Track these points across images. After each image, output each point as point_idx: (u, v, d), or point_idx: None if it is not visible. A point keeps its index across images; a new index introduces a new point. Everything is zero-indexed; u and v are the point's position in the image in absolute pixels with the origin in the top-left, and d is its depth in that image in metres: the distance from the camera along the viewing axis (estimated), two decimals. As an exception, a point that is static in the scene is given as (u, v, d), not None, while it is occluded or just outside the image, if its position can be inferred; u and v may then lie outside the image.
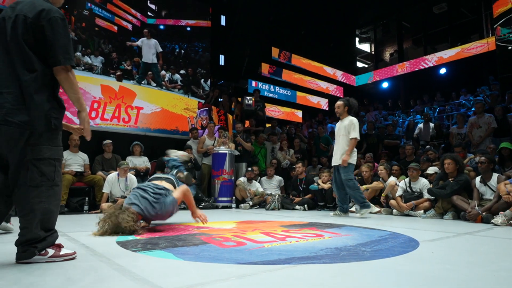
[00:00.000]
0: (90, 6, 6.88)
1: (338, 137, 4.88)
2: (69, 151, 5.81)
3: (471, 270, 1.72)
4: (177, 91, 8.19)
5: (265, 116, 9.51)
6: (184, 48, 8.57)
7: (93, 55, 6.96)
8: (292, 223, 3.81)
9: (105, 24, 7.13)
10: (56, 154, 1.84)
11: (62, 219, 4.20)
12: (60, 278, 1.52)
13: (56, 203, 1.87)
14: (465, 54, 12.13)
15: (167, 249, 2.20)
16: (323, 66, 14.76)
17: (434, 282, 1.49)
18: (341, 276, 1.59)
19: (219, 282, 1.48)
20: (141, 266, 1.73)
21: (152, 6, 7.91)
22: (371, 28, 17.49)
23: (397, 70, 14.30)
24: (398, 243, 2.48)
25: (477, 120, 6.62)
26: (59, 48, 1.73)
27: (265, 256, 2.00)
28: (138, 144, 6.48)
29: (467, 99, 10.14)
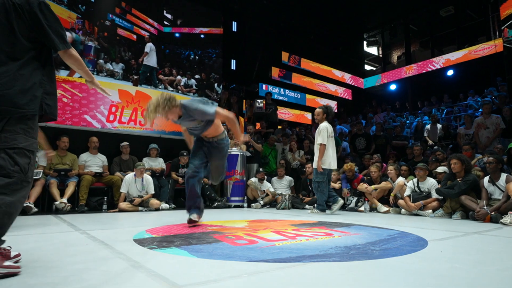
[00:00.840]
0: (112, 17, 7.09)
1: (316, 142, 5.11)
2: (88, 153, 5.90)
3: (479, 269, 1.68)
4: (192, 95, 8.27)
5: (277, 118, 9.49)
6: (198, 55, 8.69)
7: (114, 62, 7.13)
8: (302, 222, 3.79)
9: (125, 33, 7.31)
10: (32, 146, 1.63)
11: (82, 217, 4.27)
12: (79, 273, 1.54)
13: (22, 201, 1.60)
14: (473, 56, 11.91)
15: (182, 246, 2.21)
16: (331, 69, 14.68)
17: (442, 281, 1.46)
18: (351, 274, 1.57)
19: (231, 279, 1.48)
20: (157, 263, 1.75)
21: (168, 15, 8.05)
22: (378, 31, 17.31)
23: (405, 72, 14.13)
24: (407, 242, 2.44)
25: (484, 121, 6.48)
26: (54, 35, 1.66)
27: (276, 254, 1.99)
28: (155, 146, 6.54)
29: (474, 100, 9.94)
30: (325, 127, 4.98)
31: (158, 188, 5.81)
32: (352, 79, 15.44)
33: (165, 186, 5.97)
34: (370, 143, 7.77)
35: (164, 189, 5.92)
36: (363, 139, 7.83)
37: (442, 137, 7.88)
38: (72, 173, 5.40)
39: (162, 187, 5.94)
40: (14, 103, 1.54)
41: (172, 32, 8.18)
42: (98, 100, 6.83)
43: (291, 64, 13.32)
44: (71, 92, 6.52)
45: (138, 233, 2.81)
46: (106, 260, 1.83)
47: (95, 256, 1.95)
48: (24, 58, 1.62)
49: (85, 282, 1.41)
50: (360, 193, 5.70)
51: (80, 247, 2.23)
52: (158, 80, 7.77)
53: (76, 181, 5.36)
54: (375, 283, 1.44)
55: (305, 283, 1.42)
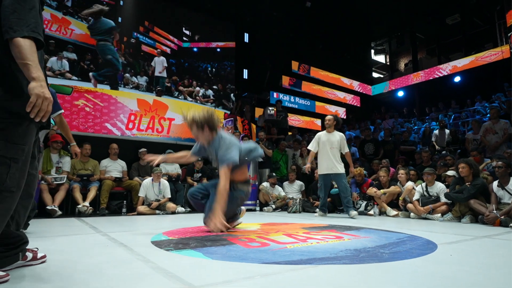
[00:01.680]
0: (136, 35, 7.43)
1: (328, 148, 5.05)
2: (109, 159, 6.00)
3: (489, 272, 1.63)
4: (209, 104, 8.53)
5: (287, 125, 9.49)
6: (215, 67, 8.98)
7: (139, 75, 7.40)
8: (313, 225, 3.76)
9: (148, 49, 7.61)
10: (13, 152, 1.36)
11: (103, 220, 4.33)
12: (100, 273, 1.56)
13: (2, 213, 1.34)
14: (479, 62, 11.69)
15: (197, 248, 2.22)
16: (340, 77, 14.62)
17: (452, 284, 1.42)
18: (361, 277, 1.55)
19: (245, 280, 1.47)
20: (173, 264, 1.75)
21: (187, 32, 8.34)
22: (385, 40, 17.20)
23: (412, 79, 13.96)
24: (416, 246, 2.39)
25: (492, 126, 6.33)
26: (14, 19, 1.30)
27: (288, 256, 1.98)
28: (171, 152, 6.60)
29: (482, 106, 9.73)
30: (316, 135, 5.28)
31: (174, 192, 5.86)
32: (360, 86, 15.33)
33: (181, 190, 6.01)
34: (378, 148, 7.67)
35: (180, 193, 5.97)
36: (372, 144, 7.74)
37: (450, 142, 7.73)
38: (94, 178, 5.50)
39: (178, 191, 5.98)
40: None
41: (191, 47, 8.47)
42: (118, 109, 6.96)
43: (301, 72, 13.32)
44: (93, 102, 6.67)
45: (155, 235, 2.83)
46: (125, 261, 1.85)
47: (115, 257, 1.97)
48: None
49: (105, 282, 1.43)
50: (370, 197, 5.63)
51: (101, 249, 2.26)
52: (178, 91, 7.94)
53: (98, 186, 5.44)
54: (385, 285, 1.42)
55: (316, 285, 1.41)
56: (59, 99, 6.18)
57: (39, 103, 1.29)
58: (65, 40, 6.39)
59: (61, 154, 5.38)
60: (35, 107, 1.28)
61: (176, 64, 8.02)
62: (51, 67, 6.16)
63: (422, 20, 14.47)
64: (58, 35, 6.31)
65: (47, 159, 5.15)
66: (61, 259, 1.86)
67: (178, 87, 7.97)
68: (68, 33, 6.43)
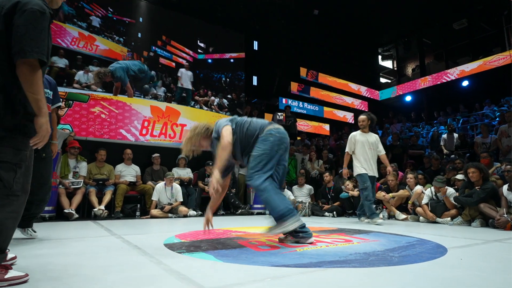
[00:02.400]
0: (154, 48, 7.66)
1: (367, 148, 4.71)
2: (123, 164, 6.06)
3: (500, 277, 1.58)
4: (225, 113, 8.69)
5: (296, 130, 9.46)
6: (229, 77, 9.15)
7: (157, 86, 7.61)
8: (322, 229, 3.72)
9: (165, 61, 7.83)
10: (20, 159, 1.45)
11: (117, 223, 4.37)
12: (116, 275, 1.57)
13: (12, 216, 1.43)
14: (487, 66, 11.48)
15: (208, 251, 2.22)
16: (348, 83, 14.54)
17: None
18: (370, 280, 1.52)
19: (255, 282, 1.47)
20: (186, 266, 1.76)
21: (202, 44, 8.55)
22: (392, 46, 17.04)
23: (420, 84, 13.79)
24: (426, 249, 2.34)
25: (508, 129, 6.17)
26: (27, 40, 1.35)
27: (297, 259, 1.96)
28: (183, 157, 6.65)
29: (491, 110, 9.53)
30: (351, 135, 4.89)
31: (186, 196, 5.88)
32: (368, 91, 15.21)
33: (192, 194, 6.04)
34: (387, 152, 7.56)
35: (191, 197, 5.99)
36: (380, 148, 7.66)
37: (459, 146, 7.59)
38: (109, 183, 5.56)
39: (190, 195, 6.01)
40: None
41: (205, 58, 8.66)
42: (132, 115, 7.06)
43: (309, 78, 13.30)
44: (109, 109, 6.78)
45: (168, 238, 2.85)
46: (139, 263, 1.86)
47: (129, 259, 1.99)
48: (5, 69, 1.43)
49: (120, 283, 1.44)
50: (378, 201, 5.55)
51: (115, 251, 2.28)
52: (194, 101, 8.15)
53: (113, 190, 5.51)
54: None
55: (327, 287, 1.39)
56: (76, 107, 6.33)
57: (44, 137, 1.46)
58: (91, 55, 6.69)
59: (78, 159, 5.47)
60: (40, 142, 1.46)
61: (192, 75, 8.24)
62: (79, 80, 6.44)
63: (429, 26, 14.31)
64: (84, 51, 6.63)
65: (64, 164, 5.24)
66: (77, 261, 1.88)
67: (194, 97, 8.16)
68: (93, 49, 6.75)
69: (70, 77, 6.34)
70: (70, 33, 6.53)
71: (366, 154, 4.69)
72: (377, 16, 12.85)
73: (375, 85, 16.10)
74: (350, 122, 14.29)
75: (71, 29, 6.54)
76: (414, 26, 14.38)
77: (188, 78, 8.21)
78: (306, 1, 10.88)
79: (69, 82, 6.32)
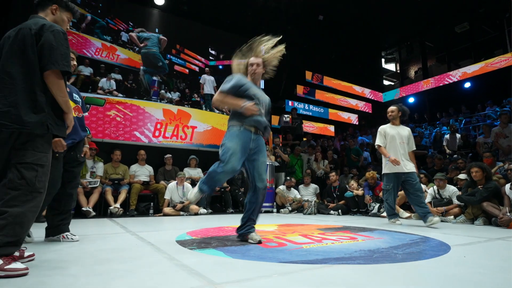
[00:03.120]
0: (169, 56, 7.85)
1: (398, 142, 4.07)
2: (137, 164, 6.12)
3: (504, 274, 1.55)
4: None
5: (302, 131, 9.43)
6: None
7: (172, 91, 7.77)
8: (328, 227, 3.70)
9: (179, 68, 8.01)
10: (40, 159, 1.59)
11: (132, 220, 4.41)
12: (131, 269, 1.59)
13: (33, 210, 1.57)
14: (489, 68, 11.28)
15: (218, 248, 2.22)
16: (352, 85, 14.44)
17: (467, 285, 1.36)
18: (375, 276, 1.51)
19: (263, 278, 1.46)
20: (196, 262, 1.76)
21: (213, 51, 8.73)
22: (395, 49, 16.87)
23: (422, 86, 13.61)
24: (429, 247, 2.31)
25: (502, 130, 6.08)
26: (59, 54, 1.61)
27: (304, 256, 1.95)
28: (194, 157, 6.69)
29: (493, 111, 9.36)
30: (380, 128, 4.24)
31: (197, 195, 5.90)
32: (371, 93, 15.08)
33: (203, 193, 6.05)
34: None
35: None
36: (384, 149, 7.57)
37: (462, 146, 7.47)
38: (124, 182, 5.62)
39: (200, 194, 6.02)
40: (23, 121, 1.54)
41: (216, 65, 8.82)
42: (145, 118, 7.13)
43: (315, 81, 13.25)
44: (123, 112, 6.86)
45: (180, 235, 2.86)
46: (152, 258, 1.87)
47: (143, 254, 2.00)
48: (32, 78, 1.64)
49: (134, 277, 1.45)
50: (382, 200, 5.49)
51: (130, 247, 2.30)
52: None
53: (127, 189, 5.56)
54: (399, 285, 1.37)
55: (332, 284, 1.38)
56: (93, 111, 6.43)
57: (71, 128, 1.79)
58: (113, 63, 6.95)
59: (95, 160, 5.54)
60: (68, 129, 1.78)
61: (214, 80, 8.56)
62: (102, 86, 6.70)
63: (431, 29, 14.14)
64: (107, 60, 6.91)
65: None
66: (94, 256, 1.90)
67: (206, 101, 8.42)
68: (115, 58, 7.02)
69: (95, 84, 6.61)
70: (94, 44, 6.79)
71: (396, 148, 4.04)
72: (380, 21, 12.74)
73: (379, 87, 15.96)
74: (355, 123, 14.20)
75: (95, 40, 6.81)
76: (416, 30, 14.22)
77: (210, 84, 8.45)
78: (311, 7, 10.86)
79: (94, 88, 6.57)
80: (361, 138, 9.71)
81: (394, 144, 4.07)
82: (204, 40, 8.56)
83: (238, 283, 1.38)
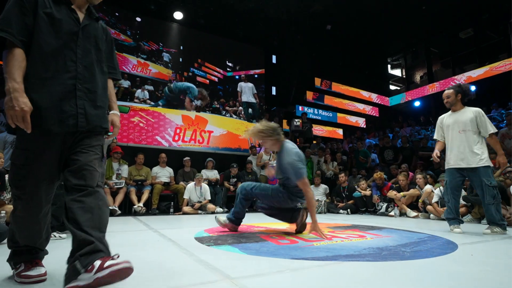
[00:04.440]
0: (192, 69, 8.25)
1: (456, 132, 3.12)
2: (159, 166, 6.21)
3: (510, 272, 1.49)
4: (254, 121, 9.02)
5: (312, 134, 9.37)
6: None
7: (195, 99, 8.13)
8: (337, 225, 3.65)
9: (201, 79, 8.35)
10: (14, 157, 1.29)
11: (154, 218, 4.47)
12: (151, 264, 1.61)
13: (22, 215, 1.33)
14: (494, 72, 10.93)
15: (234, 244, 2.22)
16: (359, 90, 14.27)
17: (474, 283, 1.31)
18: (384, 273, 1.47)
19: (276, 273, 1.46)
20: (214, 258, 1.77)
21: (230, 63, 9.02)
22: (401, 55, 16.57)
23: (428, 90, 13.31)
24: (437, 245, 2.24)
25: (509, 131, 5.86)
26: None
27: (315, 253, 1.93)
28: (211, 160, 6.73)
29: (498, 113, 9.04)
30: (439, 119, 3.39)
31: (213, 195, 5.93)
32: (378, 98, 14.85)
33: (219, 193, 6.08)
34: (397, 154, 7.34)
35: (218, 195, 6.04)
36: (391, 151, 7.43)
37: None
38: (147, 183, 5.71)
39: (216, 194, 6.06)
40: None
41: (233, 75, 9.06)
42: (166, 124, 7.25)
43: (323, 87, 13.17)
44: (146, 118, 7.00)
45: (198, 232, 2.88)
46: (172, 254, 1.89)
47: (164, 250, 2.03)
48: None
49: (156, 272, 1.47)
50: (390, 200, 5.38)
51: (152, 243, 2.33)
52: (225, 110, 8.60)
53: (150, 189, 5.64)
54: (408, 282, 1.34)
55: (341, 280, 1.36)
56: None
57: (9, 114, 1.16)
58: (146, 77, 7.46)
59: (120, 163, 5.65)
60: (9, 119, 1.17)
61: (223, 90, 8.73)
62: (137, 96, 7.22)
63: (436, 36, 13.83)
64: (141, 74, 7.41)
65: (109, 167, 5.43)
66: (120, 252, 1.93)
67: (225, 107, 8.58)
68: (147, 72, 7.52)
69: (132, 94, 7.13)
70: (131, 61, 7.32)
71: (456, 140, 3.12)
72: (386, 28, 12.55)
73: (385, 92, 15.71)
74: (362, 126, 14.00)
75: (132, 58, 7.37)
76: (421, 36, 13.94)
77: (249, 91, 8.80)
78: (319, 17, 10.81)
79: (131, 98, 7.09)
80: (368, 141, 9.56)
81: (452, 135, 3.16)
82: (222, 54, 8.86)
83: (252, 278, 1.38)
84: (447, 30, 13.14)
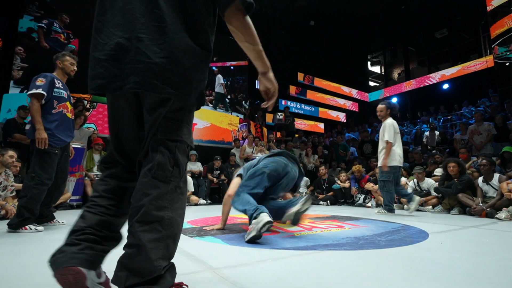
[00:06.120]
0: None
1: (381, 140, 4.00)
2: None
3: (477, 259, 1.57)
4: (223, 110, 9.22)
5: (294, 128, 9.44)
6: (229, 81, 9.88)
7: None
8: (317, 216, 3.72)
9: None
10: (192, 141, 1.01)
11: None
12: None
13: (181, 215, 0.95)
14: (466, 71, 11.38)
15: (216, 235, 2.22)
16: (340, 86, 14.49)
17: (444, 269, 1.38)
18: (361, 261, 1.52)
19: (258, 263, 1.47)
20: (196, 249, 1.76)
21: None
22: (381, 53, 16.92)
23: (405, 87, 13.70)
24: (410, 234, 2.34)
25: (477, 128, 6.14)
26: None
27: (295, 242, 1.96)
28: (194, 153, 6.66)
29: (468, 110, 9.45)
30: (391, 124, 3.92)
31: (197, 187, 5.89)
32: (358, 94, 15.15)
33: (202, 185, 6.05)
34: (375, 148, 7.54)
35: (201, 187, 6.00)
36: (370, 144, 7.61)
37: (440, 143, 7.54)
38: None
39: (200, 186, 6.02)
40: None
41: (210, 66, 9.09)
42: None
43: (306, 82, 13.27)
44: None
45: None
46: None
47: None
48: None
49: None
50: (367, 191, 5.54)
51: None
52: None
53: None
54: (383, 268, 1.38)
55: (321, 268, 1.39)
56: (100, 108, 6.35)
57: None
58: None
59: (101, 154, 5.48)
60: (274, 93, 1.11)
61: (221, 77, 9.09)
62: None
63: (413, 35, 14.21)
64: None
65: (90, 159, 5.26)
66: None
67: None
68: None
69: None
70: None
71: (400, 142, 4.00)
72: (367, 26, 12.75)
73: (365, 88, 16.04)
74: (343, 121, 14.25)
75: None
76: (400, 35, 14.28)
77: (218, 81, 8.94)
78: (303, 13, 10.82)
79: None
80: (348, 135, 9.74)
81: (398, 140, 3.95)
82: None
83: (235, 267, 1.38)
84: (424, 30, 13.51)
